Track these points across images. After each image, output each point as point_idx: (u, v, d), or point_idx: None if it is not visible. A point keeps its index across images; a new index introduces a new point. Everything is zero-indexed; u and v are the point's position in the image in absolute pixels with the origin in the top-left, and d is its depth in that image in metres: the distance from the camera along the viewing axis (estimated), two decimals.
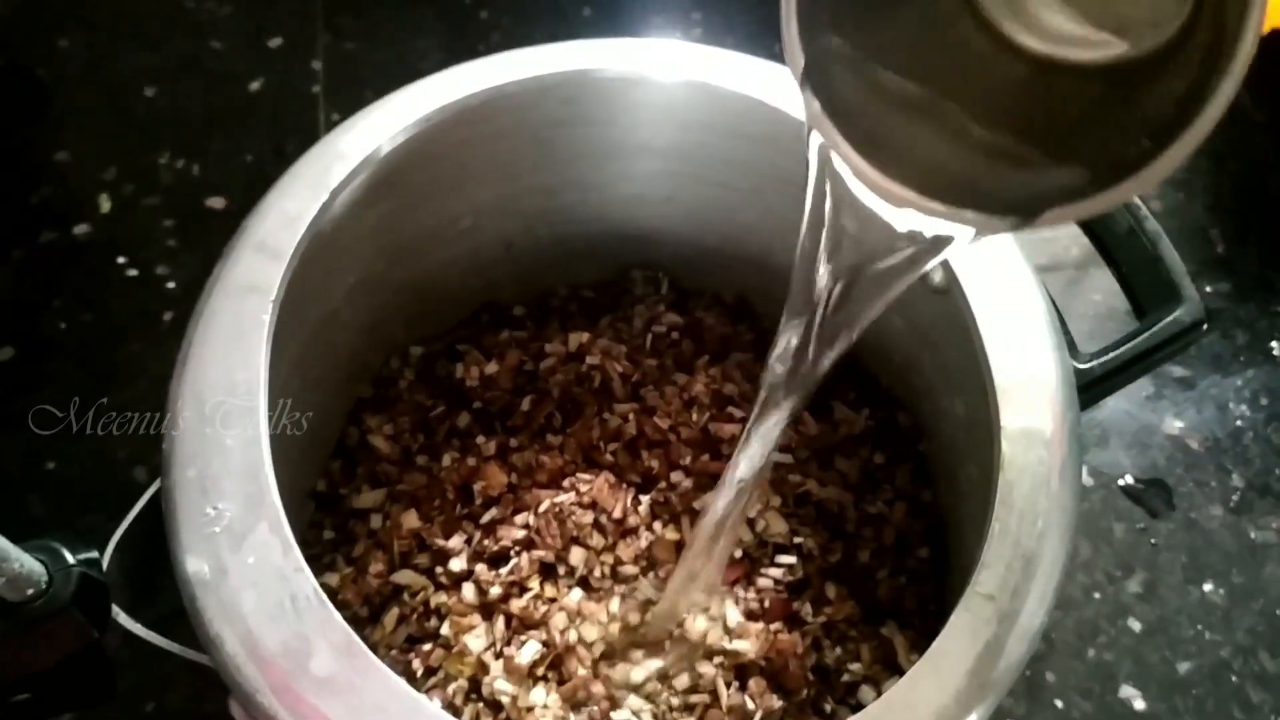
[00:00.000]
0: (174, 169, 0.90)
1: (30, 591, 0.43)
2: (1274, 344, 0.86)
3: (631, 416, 0.63)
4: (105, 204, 0.88)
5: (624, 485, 0.61)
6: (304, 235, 0.52)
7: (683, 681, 0.56)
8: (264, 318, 0.49)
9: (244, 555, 0.44)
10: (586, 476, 0.62)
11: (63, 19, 0.99)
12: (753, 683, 0.55)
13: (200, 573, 0.44)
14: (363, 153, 0.54)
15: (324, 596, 0.43)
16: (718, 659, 0.56)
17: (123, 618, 0.46)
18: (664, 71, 0.59)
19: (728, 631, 0.56)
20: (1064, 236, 0.88)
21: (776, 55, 0.62)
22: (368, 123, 0.55)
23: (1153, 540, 0.77)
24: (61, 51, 0.97)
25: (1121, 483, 0.79)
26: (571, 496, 0.60)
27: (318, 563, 0.62)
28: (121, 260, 0.85)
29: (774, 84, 0.58)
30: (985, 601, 0.44)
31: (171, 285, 0.84)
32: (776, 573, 0.59)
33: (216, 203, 0.88)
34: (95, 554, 0.46)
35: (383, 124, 0.55)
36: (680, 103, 0.61)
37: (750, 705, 0.54)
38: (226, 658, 0.43)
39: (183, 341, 0.50)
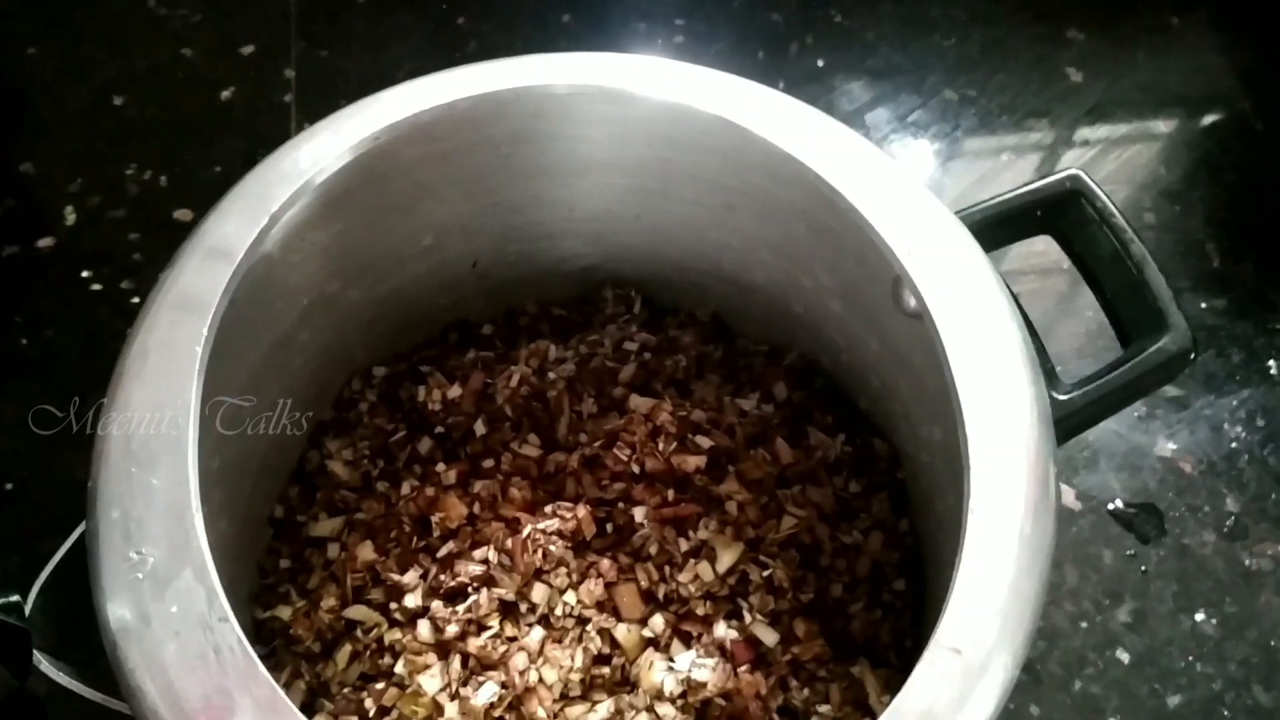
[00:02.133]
0: (141, 180, 0.88)
1: None
2: (1271, 363, 0.83)
3: (594, 447, 0.61)
4: (70, 216, 0.86)
5: (586, 521, 0.58)
6: (244, 258, 0.49)
7: None
8: (196, 348, 0.47)
9: (167, 603, 0.42)
10: (549, 510, 0.59)
11: (32, 26, 0.97)
12: None
13: (122, 620, 0.42)
14: (305, 174, 0.51)
15: (249, 648, 0.41)
16: (679, 700, 0.54)
17: (45, 665, 0.44)
18: (627, 86, 0.57)
19: (686, 681, 0.54)
20: (1054, 252, 0.85)
21: (759, 64, 0.61)
22: (313, 143, 0.53)
23: (1143, 567, 0.74)
24: (31, 59, 0.95)
25: (1111, 507, 0.76)
26: (533, 532, 0.57)
27: (273, 593, 0.60)
28: (86, 274, 0.83)
29: (741, 102, 0.56)
30: (952, 656, 0.42)
31: (136, 300, 0.82)
32: (742, 618, 0.56)
33: (184, 215, 0.86)
34: (16, 598, 0.44)
35: (329, 144, 0.53)
36: (647, 119, 0.58)
37: None
38: (147, 711, 0.41)
39: (114, 367, 0.48)
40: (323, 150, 0.53)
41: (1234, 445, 0.79)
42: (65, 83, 0.94)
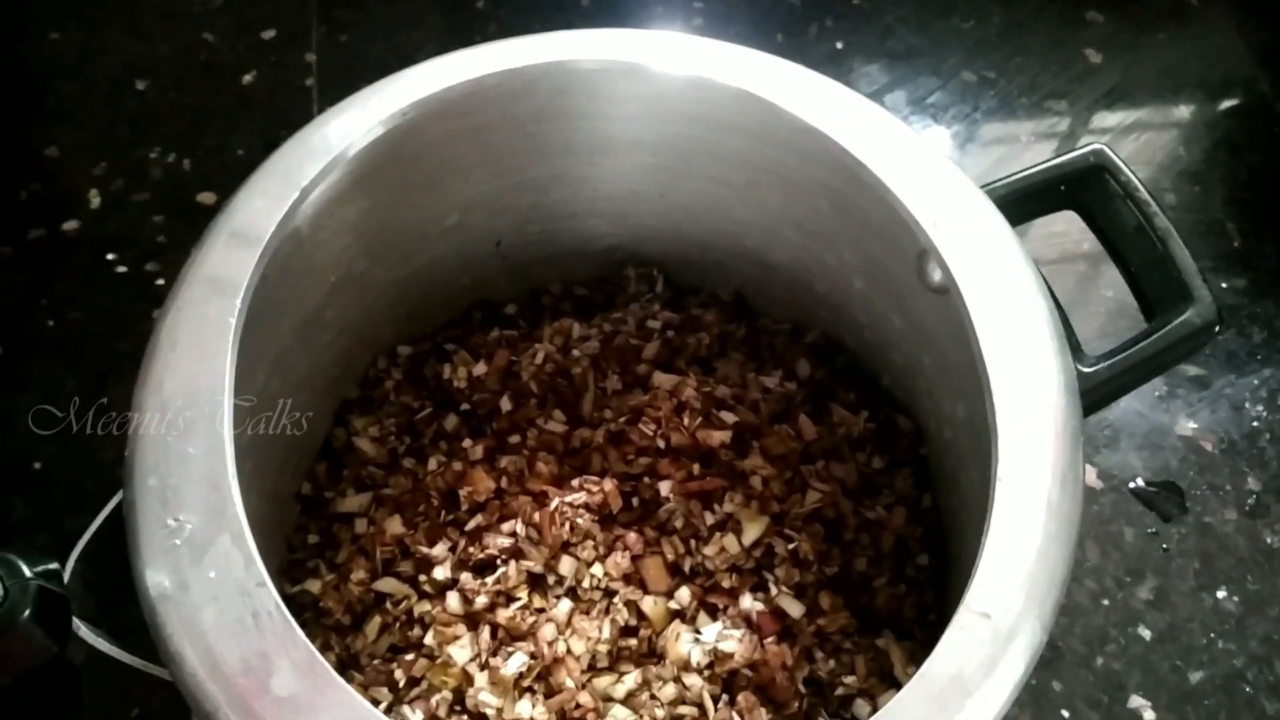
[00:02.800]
0: (164, 164, 0.88)
1: None
2: None
3: (619, 422, 0.61)
4: (95, 200, 0.87)
5: (613, 495, 0.59)
6: (274, 234, 0.50)
7: (668, 693, 0.54)
8: (230, 320, 0.47)
9: (205, 569, 0.42)
10: (576, 483, 0.60)
11: (55, 12, 0.97)
12: (741, 697, 0.53)
13: (161, 587, 0.42)
14: (335, 149, 0.52)
15: (286, 612, 0.41)
16: (705, 671, 0.54)
17: (84, 631, 0.45)
18: (653, 63, 0.57)
19: (713, 652, 0.54)
20: (1075, 231, 0.85)
21: (778, 47, 0.61)
22: (342, 119, 0.53)
23: (1164, 545, 0.74)
24: (53, 44, 0.96)
25: (1132, 485, 0.77)
26: (560, 505, 0.58)
27: (301, 568, 0.61)
28: (110, 257, 0.84)
29: (767, 76, 0.56)
30: (980, 620, 0.42)
31: (160, 282, 0.83)
32: (768, 590, 0.57)
33: (207, 198, 0.86)
34: (55, 565, 0.45)
35: (357, 119, 0.53)
36: (671, 95, 0.59)
37: None
38: (187, 675, 0.41)
39: (148, 344, 0.48)
40: (352, 125, 0.53)
41: (1255, 424, 0.80)
42: (88, 68, 0.94)
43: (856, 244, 0.61)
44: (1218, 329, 0.52)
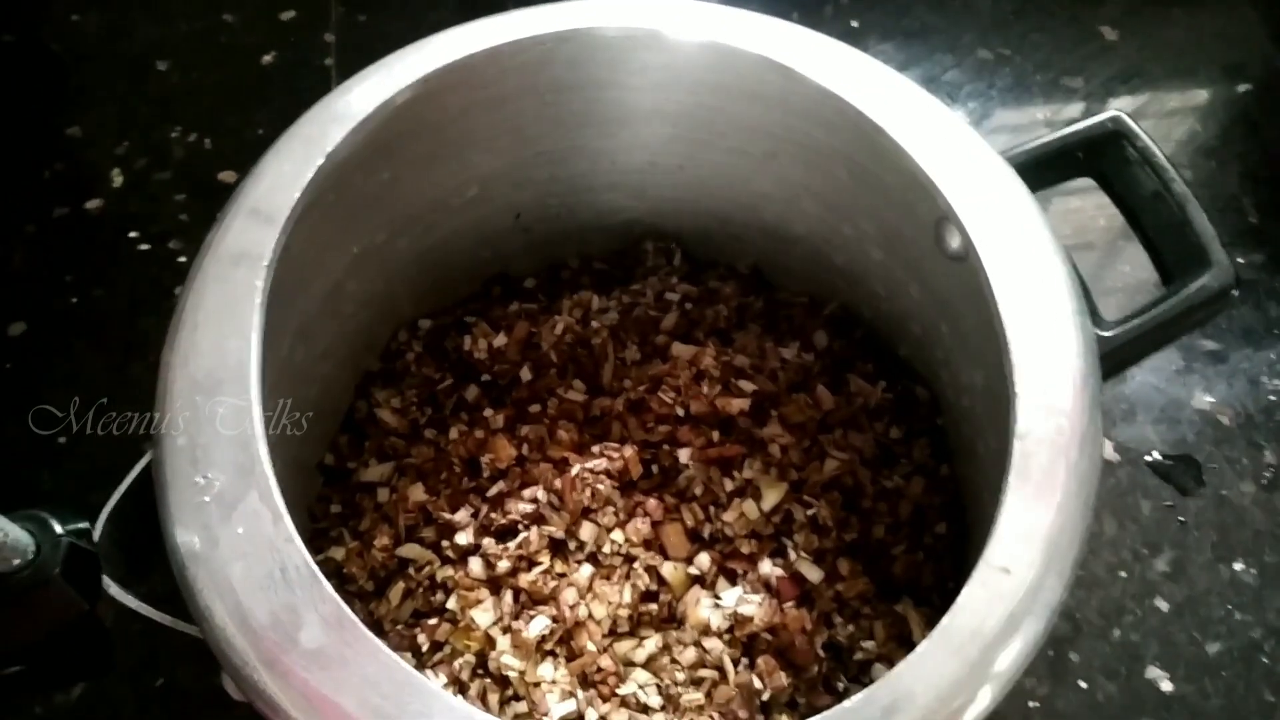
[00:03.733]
0: (186, 143, 0.89)
1: (17, 562, 0.42)
2: None
3: (639, 391, 0.62)
4: (117, 178, 0.87)
5: (633, 461, 0.59)
6: (299, 200, 0.50)
7: (689, 657, 0.54)
8: (257, 283, 0.48)
9: (234, 525, 0.43)
10: (596, 450, 0.60)
11: None
12: (761, 660, 0.54)
13: (190, 543, 0.43)
14: (358, 116, 0.52)
15: (314, 567, 0.42)
16: (725, 635, 0.55)
17: (114, 589, 0.46)
18: (674, 30, 0.57)
19: (733, 616, 0.55)
20: (1091, 208, 0.86)
21: (795, 23, 0.61)
22: (365, 85, 0.54)
23: (1181, 518, 0.74)
24: (75, 26, 0.97)
25: (1149, 459, 0.77)
26: (581, 471, 0.58)
27: (325, 536, 0.61)
28: (133, 235, 0.85)
29: (786, 43, 0.56)
30: (1000, 575, 0.42)
31: (183, 259, 0.83)
32: (787, 555, 0.57)
33: (228, 177, 0.87)
34: (85, 524, 0.45)
35: (379, 87, 0.54)
36: (691, 63, 0.59)
37: (758, 683, 0.53)
38: (216, 630, 0.42)
39: (175, 309, 0.49)
40: (374, 93, 0.54)
41: (1271, 398, 0.79)
42: (108, 49, 0.95)
43: (875, 214, 0.61)
44: (1235, 292, 0.53)
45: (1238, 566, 0.73)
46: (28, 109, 0.92)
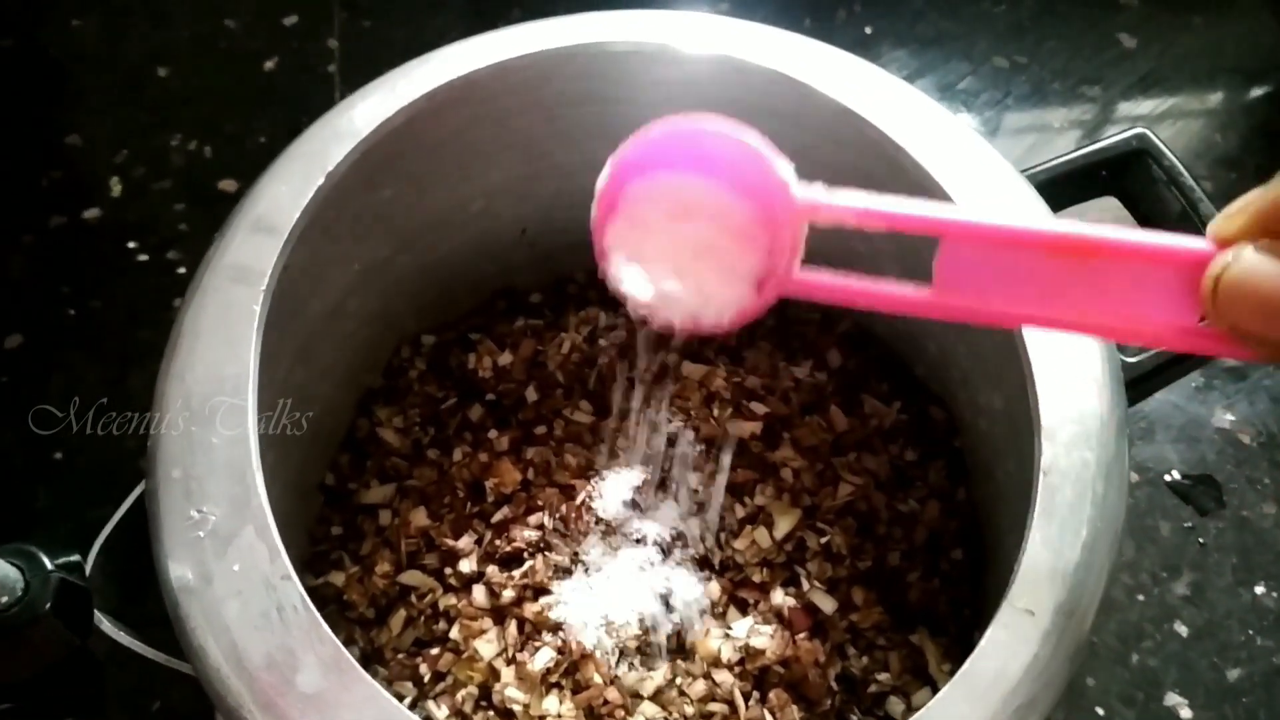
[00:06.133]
0: (186, 151, 0.88)
1: (5, 599, 0.41)
2: None
3: (651, 410, 0.60)
4: (116, 187, 0.86)
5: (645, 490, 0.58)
6: (298, 221, 0.49)
7: (698, 689, 0.53)
8: (254, 308, 0.46)
9: (229, 561, 0.41)
10: (607, 474, 0.59)
11: None
12: (773, 694, 0.52)
13: (184, 579, 0.42)
14: (359, 134, 0.51)
15: (312, 607, 0.41)
16: (736, 668, 0.53)
17: (106, 624, 0.44)
18: (683, 45, 0.56)
19: (745, 648, 0.53)
20: (1110, 219, 0.84)
21: (805, 32, 0.60)
22: (367, 103, 0.52)
23: (1201, 539, 0.73)
24: (75, 31, 0.95)
25: (1168, 478, 0.75)
26: (587, 498, 0.57)
27: (325, 560, 0.60)
28: (132, 245, 0.83)
29: (801, 58, 0.55)
30: (1024, 617, 0.41)
31: (182, 270, 0.82)
32: (800, 585, 0.56)
33: (228, 185, 0.85)
34: (77, 558, 0.44)
35: (381, 104, 0.52)
36: (702, 78, 0.57)
37: (770, 718, 0.52)
38: (210, 670, 0.41)
39: (170, 333, 0.47)
40: (375, 110, 0.52)
41: None
42: (108, 54, 0.94)
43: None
44: None
45: (1259, 590, 0.71)
46: (26, 115, 0.90)
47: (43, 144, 0.88)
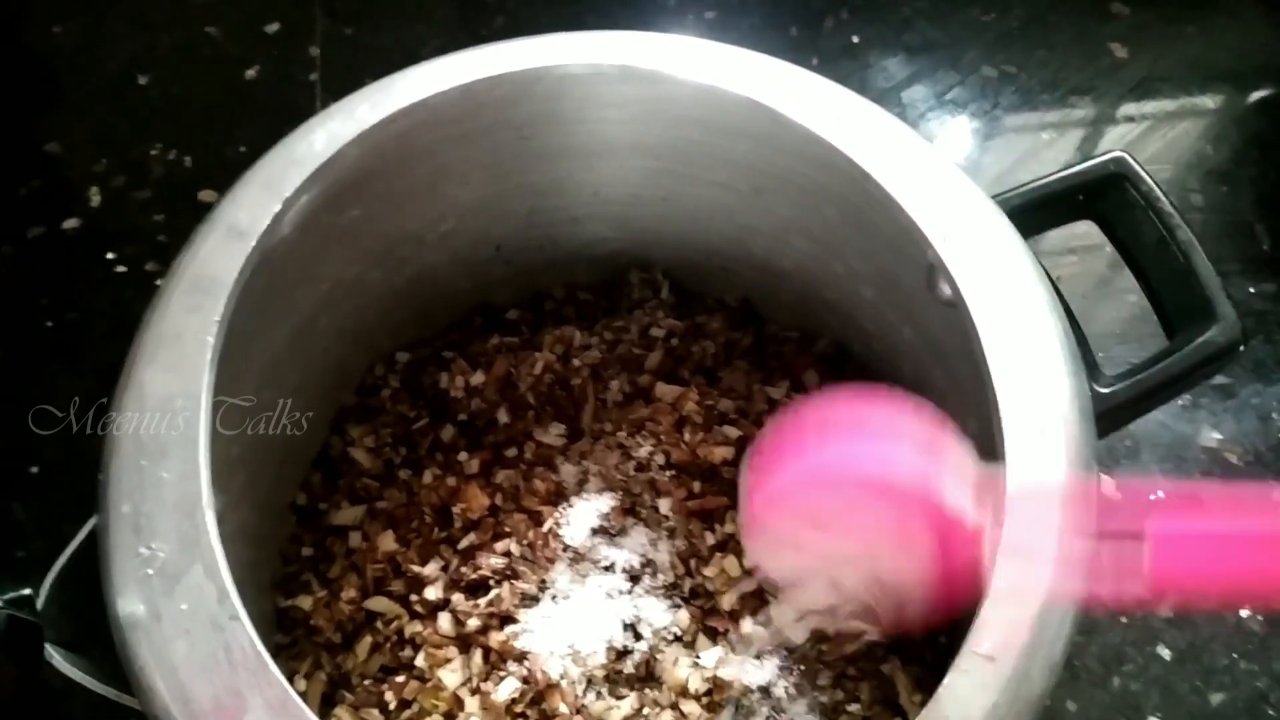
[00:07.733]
0: (166, 160, 0.87)
1: None
2: None
3: (619, 436, 0.59)
4: (95, 197, 0.85)
5: (615, 515, 0.57)
6: (256, 246, 0.48)
7: (665, 719, 0.52)
8: (208, 339, 0.45)
9: (177, 600, 0.41)
10: (576, 501, 0.58)
11: (58, 4, 0.96)
12: None
13: (132, 617, 0.41)
14: (319, 159, 0.50)
15: (261, 648, 0.40)
16: (704, 698, 0.53)
17: (57, 660, 0.44)
18: (653, 67, 0.55)
19: (713, 679, 0.53)
20: (1094, 232, 0.83)
21: (793, 40, 0.59)
22: (328, 128, 0.52)
23: None
24: (56, 38, 0.94)
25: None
26: (554, 525, 0.56)
27: (294, 580, 0.60)
28: (110, 256, 0.82)
29: (774, 84, 0.54)
30: (984, 663, 0.40)
31: (160, 283, 0.81)
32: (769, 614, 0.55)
33: (209, 195, 0.85)
34: (28, 592, 0.43)
35: (343, 129, 0.51)
36: (673, 100, 0.56)
37: None
38: (159, 710, 0.40)
39: (125, 360, 0.47)
40: (337, 135, 0.51)
41: None
42: (90, 61, 0.93)
43: (866, 253, 0.59)
44: (1242, 348, 0.50)
45: (1243, 613, 0.70)
46: (5, 123, 0.89)
47: (22, 152, 0.88)
